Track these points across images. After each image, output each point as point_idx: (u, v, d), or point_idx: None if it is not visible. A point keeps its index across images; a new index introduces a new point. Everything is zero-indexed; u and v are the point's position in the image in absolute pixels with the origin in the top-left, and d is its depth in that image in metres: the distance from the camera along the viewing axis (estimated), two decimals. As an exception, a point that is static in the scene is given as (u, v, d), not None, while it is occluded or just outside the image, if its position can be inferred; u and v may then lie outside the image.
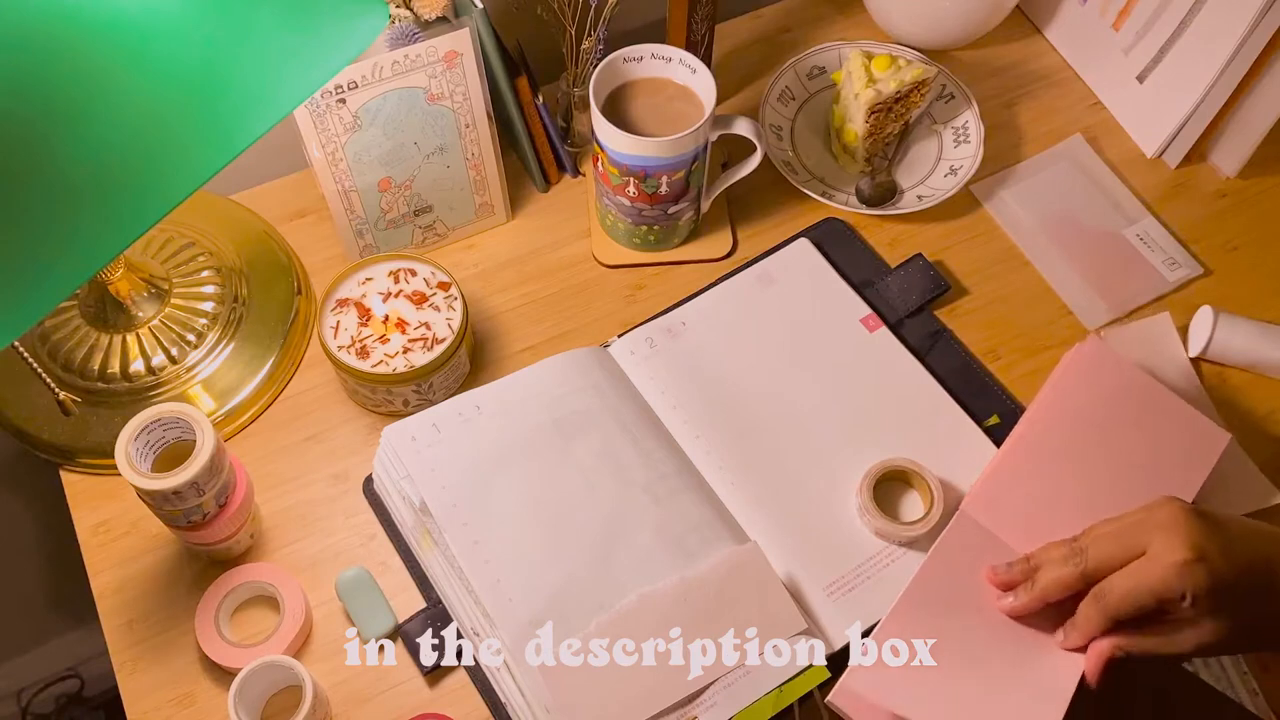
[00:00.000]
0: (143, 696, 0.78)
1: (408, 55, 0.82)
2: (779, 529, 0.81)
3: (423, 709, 0.77)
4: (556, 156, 0.98)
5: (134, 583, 0.81)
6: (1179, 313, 0.93)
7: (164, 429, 0.74)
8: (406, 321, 0.85)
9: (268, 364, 0.88)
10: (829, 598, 0.79)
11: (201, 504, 0.74)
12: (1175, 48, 0.97)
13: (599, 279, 0.95)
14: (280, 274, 0.92)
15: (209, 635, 0.77)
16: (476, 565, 0.75)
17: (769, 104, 1.01)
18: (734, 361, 0.88)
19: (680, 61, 0.88)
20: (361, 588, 0.79)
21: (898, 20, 1.05)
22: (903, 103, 0.96)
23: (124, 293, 0.85)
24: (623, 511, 0.78)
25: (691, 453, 0.84)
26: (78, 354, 0.86)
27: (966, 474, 0.83)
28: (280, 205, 0.98)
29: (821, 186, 0.98)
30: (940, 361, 0.89)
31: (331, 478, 0.86)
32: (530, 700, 0.72)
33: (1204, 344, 0.89)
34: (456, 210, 0.94)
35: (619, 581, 0.75)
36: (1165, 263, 0.95)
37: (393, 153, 0.88)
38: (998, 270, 0.96)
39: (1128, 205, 0.99)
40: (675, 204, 0.90)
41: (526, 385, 0.83)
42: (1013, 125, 1.04)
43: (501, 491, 0.78)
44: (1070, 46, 1.08)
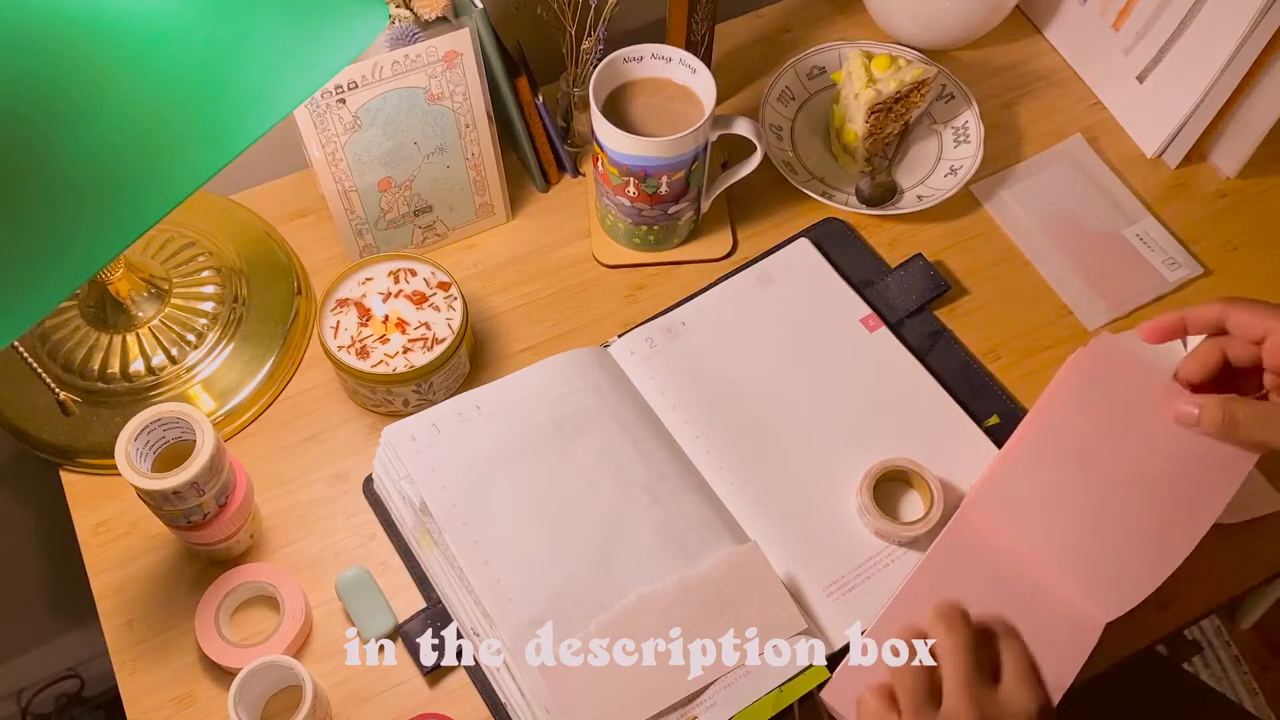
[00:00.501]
0: (143, 696, 0.78)
1: (408, 55, 0.82)
2: (779, 529, 0.81)
3: (423, 709, 0.77)
4: (556, 156, 0.98)
5: (134, 583, 0.82)
6: (1179, 313, 0.93)
7: (164, 429, 0.74)
8: (406, 321, 0.85)
9: (268, 364, 0.88)
10: (829, 598, 0.79)
11: (201, 504, 0.74)
12: (1175, 48, 0.97)
13: (599, 279, 0.95)
14: (280, 274, 0.92)
15: (209, 635, 0.77)
16: (476, 565, 0.75)
17: (769, 104, 1.01)
18: (734, 361, 0.88)
19: (680, 61, 0.88)
20: (361, 588, 0.79)
21: (898, 20, 1.05)
22: (903, 103, 0.96)
23: (124, 293, 0.86)
24: (623, 511, 0.78)
25: (691, 453, 0.84)
26: (78, 354, 0.86)
27: (966, 474, 0.83)
28: (280, 205, 0.98)
29: (821, 186, 0.98)
30: (940, 361, 0.89)
31: (331, 478, 0.86)
32: (530, 700, 0.72)
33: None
34: (456, 210, 0.94)
35: (619, 581, 0.76)
36: (1165, 263, 0.95)
37: (393, 153, 0.88)
38: (998, 270, 0.96)
39: (1128, 205, 0.99)
40: (675, 204, 0.90)
41: (526, 385, 0.83)
42: (1013, 125, 1.04)
43: (501, 491, 0.78)
44: (1070, 46, 1.08)
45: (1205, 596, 0.82)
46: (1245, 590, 0.84)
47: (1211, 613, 0.88)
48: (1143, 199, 0.99)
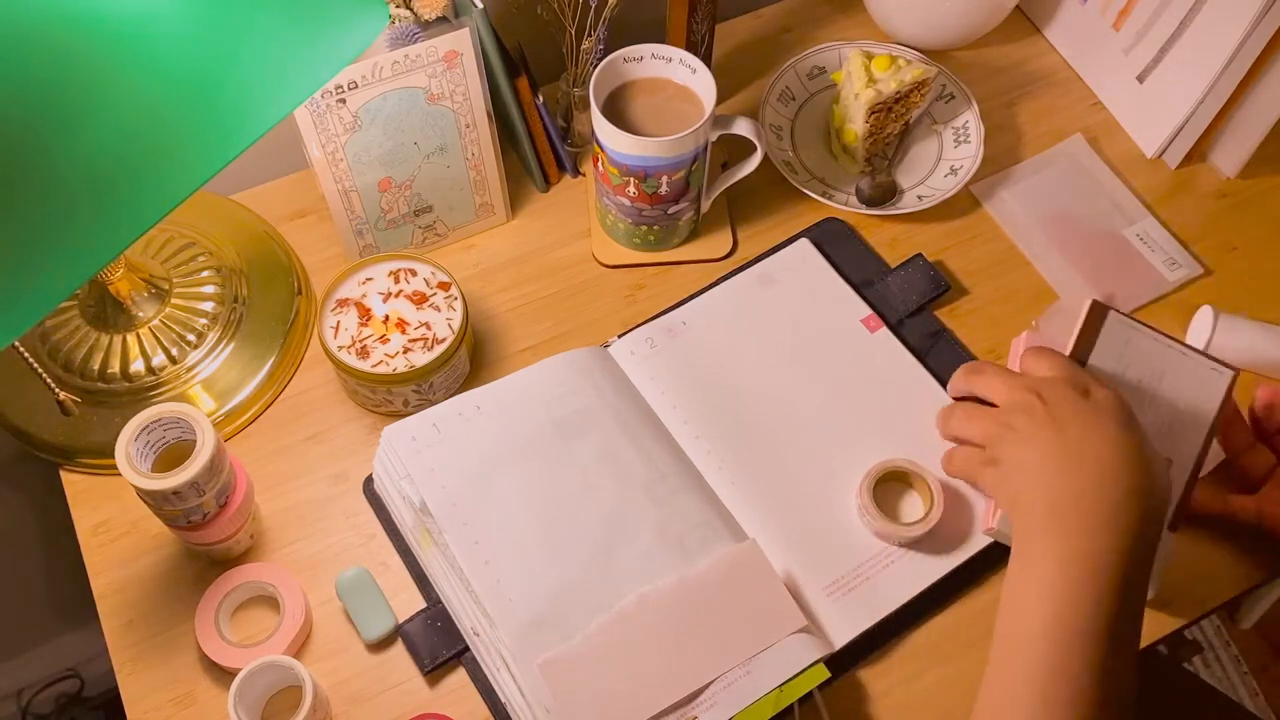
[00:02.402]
0: (143, 696, 0.78)
1: (408, 55, 0.82)
2: (779, 529, 0.81)
3: (423, 709, 0.77)
4: (556, 156, 0.98)
5: (134, 583, 0.81)
6: (1179, 312, 0.93)
7: (164, 429, 0.74)
8: (406, 321, 0.85)
9: (268, 364, 0.88)
10: (829, 598, 0.79)
11: (201, 504, 0.74)
12: (1175, 48, 0.97)
13: (599, 279, 0.95)
14: (280, 274, 0.92)
15: (209, 635, 0.77)
16: (476, 565, 0.75)
17: (769, 104, 1.01)
18: (734, 362, 0.88)
19: (680, 61, 0.88)
20: (361, 588, 0.79)
21: (898, 20, 1.05)
22: (903, 103, 0.96)
23: (124, 293, 0.86)
24: (623, 511, 0.78)
25: (691, 453, 0.84)
26: (78, 354, 0.86)
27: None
28: (280, 205, 0.98)
29: (821, 186, 0.98)
30: (940, 361, 0.89)
31: (331, 478, 0.86)
32: (530, 700, 0.72)
33: (1204, 344, 0.89)
34: (456, 210, 0.94)
35: (619, 581, 0.75)
36: (1165, 263, 0.95)
37: (393, 153, 0.88)
38: (998, 270, 0.96)
39: (1128, 205, 0.99)
40: (675, 204, 0.90)
41: (526, 385, 0.83)
42: (1013, 125, 1.04)
43: (501, 491, 0.78)
44: (1070, 46, 1.08)
45: (1205, 596, 0.82)
46: (1245, 590, 0.84)
47: (1212, 613, 0.88)
48: (1143, 199, 0.99)
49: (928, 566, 0.80)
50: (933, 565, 0.80)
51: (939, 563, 0.80)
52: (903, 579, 0.80)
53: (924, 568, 0.80)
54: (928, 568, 0.80)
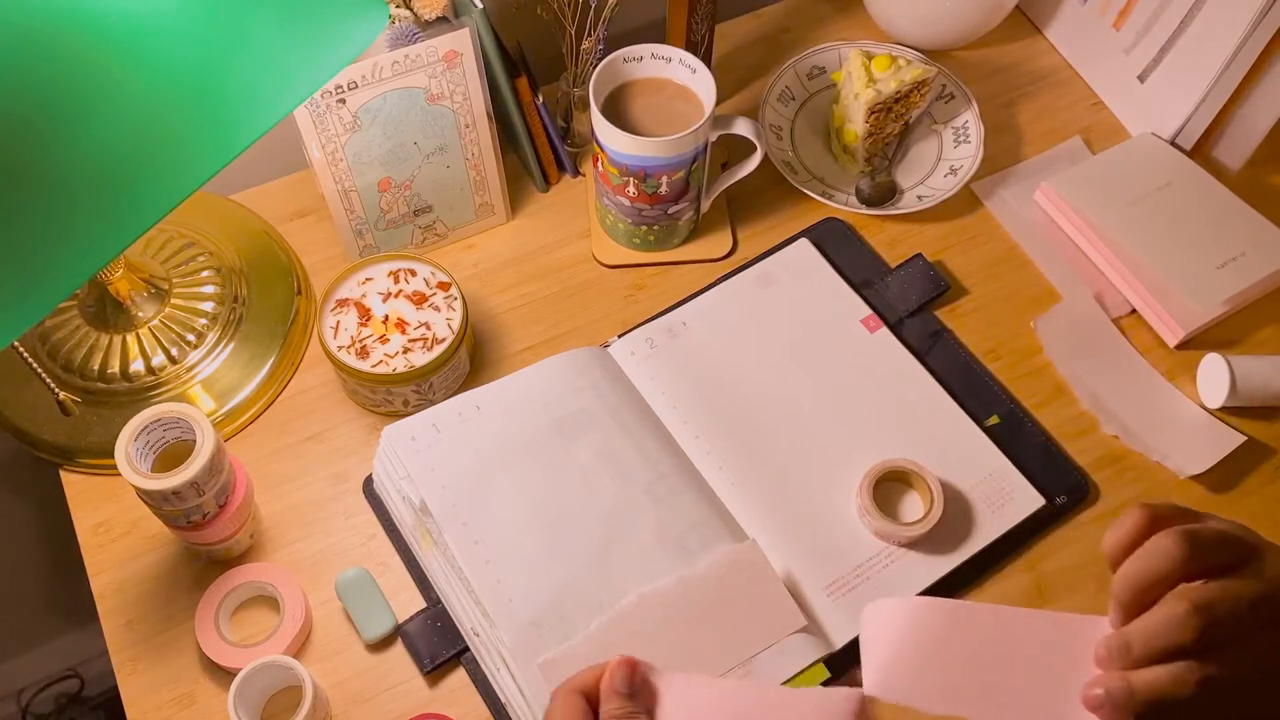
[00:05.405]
0: (143, 696, 0.78)
1: (408, 55, 0.82)
2: (779, 529, 0.81)
3: (423, 709, 0.77)
4: (556, 156, 0.98)
5: (134, 583, 0.81)
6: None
7: (164, 429, 0.74)
8: (406, 321, 0.85)
9: (268, 364, 0.88)
10: (829, 598, 0.79)
11: (201, 504, 0.74)
12: (1176, 47, 0.97)
13: (599, 279, 0.95)
14: (280, 274, 0.92)
15: (209, 635, 0.77)
16: (476, 565, 0.75)
17: (769, 104, 1.01)
18: (734, 362, 0.88)
19: (680, 61, 0.88)
20: (361, 588, 0.79)
21: (898, 20, 1.05)
22: (903, 103, 0.96)
23: (124, 293, 0.86)
24: (622, 511, 0.78)
25: (691, 453, 0.84)
26: (78, 354, 0.86)
27: (967, 474, 0.83)
28: (280, 205, 0.98)
29: (821, 186, 0.98)
30: (940, 361, 0.89)
31: (331, 478, 0.86)
32: (530, 700, 0.72)
33: (1224, 398, 0.86)
34: (456, 210, 0.94)
35: (619, 581, 0.75)
36: (1165, 263, 0.95)
37: (393, 153, 0.88)
38: (998, 270, 0.96)
39: (1128, 205, 0.99)
40: (675, 204, 0.90)
41: (526, 385, 0.83)
42: (1013, 125, 1.04)
43: (501, 491, 0.78)
44: (1070, 46, 1.08)
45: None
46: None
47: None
48: (1143, 199, 0.99)
49: (928, 566, 0.80)
50: (933, 565, 0.80)
51: (939, 563, 0.80)
52: (903, 579, 0.80)
53: (924, 568, 0.80)
54: (928, 568, 0.80)
